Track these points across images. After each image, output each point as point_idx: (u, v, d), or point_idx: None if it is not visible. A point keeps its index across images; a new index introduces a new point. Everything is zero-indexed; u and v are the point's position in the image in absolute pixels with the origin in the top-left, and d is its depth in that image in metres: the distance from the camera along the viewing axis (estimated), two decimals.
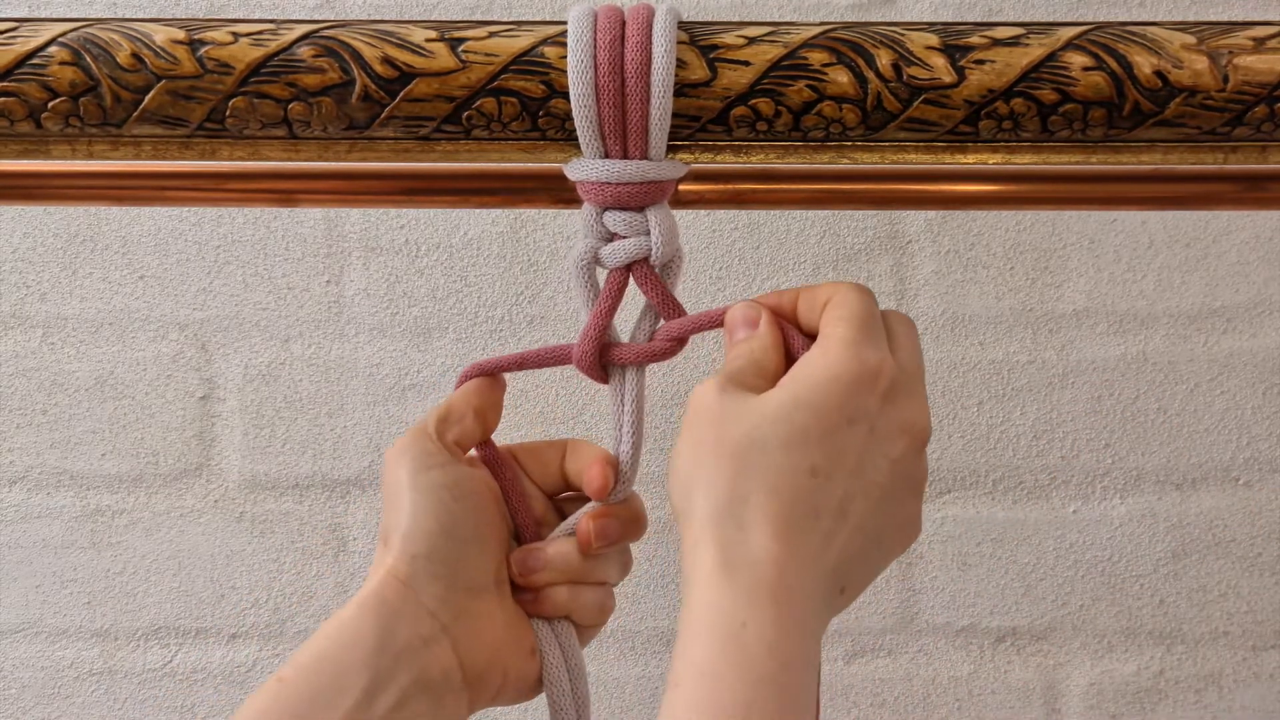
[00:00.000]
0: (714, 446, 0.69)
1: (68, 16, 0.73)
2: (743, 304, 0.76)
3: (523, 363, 0.81)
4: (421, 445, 0.78)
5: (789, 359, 0.74)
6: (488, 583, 0.78)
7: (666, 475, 0.72)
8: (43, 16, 0.75)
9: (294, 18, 0.74)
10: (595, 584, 0.81)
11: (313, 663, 0.73)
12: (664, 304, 0.77)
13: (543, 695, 0.80)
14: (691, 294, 1.35)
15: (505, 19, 0.75)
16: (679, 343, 0.78)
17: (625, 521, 0.80)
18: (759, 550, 0.67)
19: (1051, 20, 0.90)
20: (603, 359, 0.79)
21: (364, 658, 0.73)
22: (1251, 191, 0.80)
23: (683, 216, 0.76)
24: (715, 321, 0.77)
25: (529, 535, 0.81)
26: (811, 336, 0.74)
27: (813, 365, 0.70)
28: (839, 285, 0.74)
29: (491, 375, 0.82)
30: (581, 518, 0.80)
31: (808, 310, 0.75)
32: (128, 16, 0.73)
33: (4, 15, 0.74)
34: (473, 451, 0.82)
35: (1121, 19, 0.75)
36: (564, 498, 0.84)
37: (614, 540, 0.80)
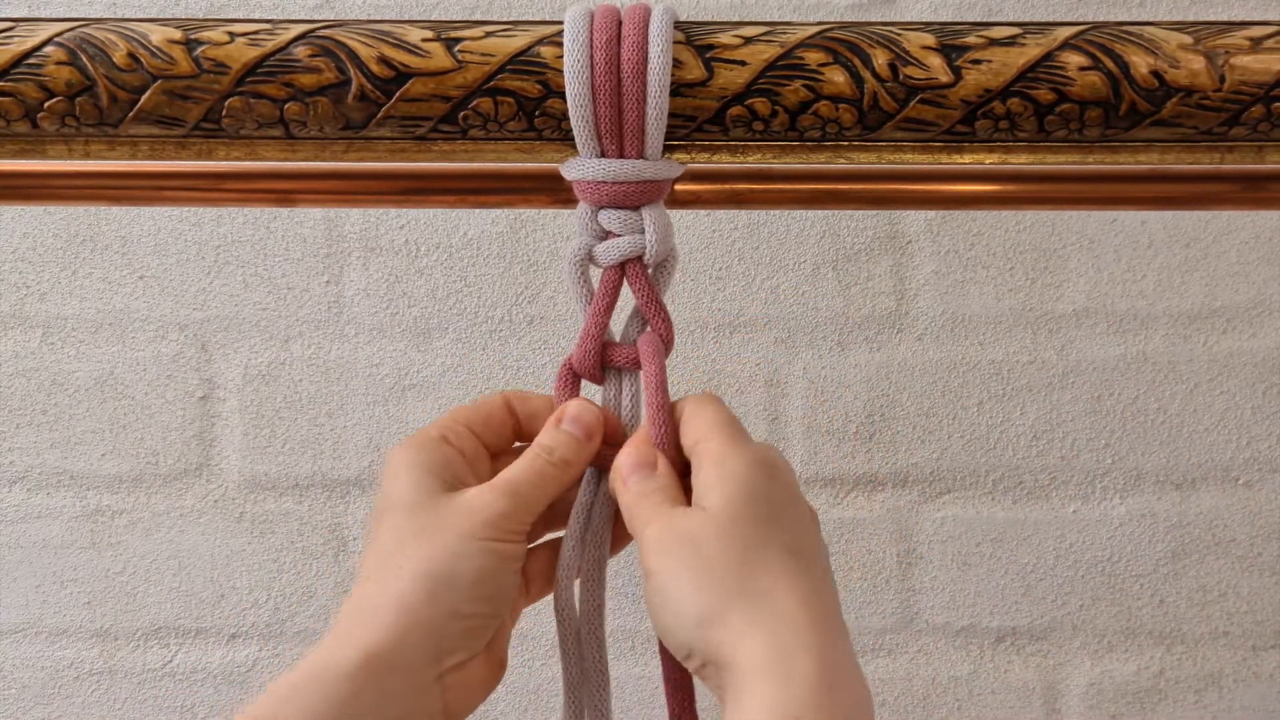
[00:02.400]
0: (715, 568, 0.68)
1: (64, 16, 0.73)
2: (634, 444, 0.75)
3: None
4: (522, 519, 0.74)
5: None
6: (500, 627, 0.76)
7: (659, 623, 0.71)
8: (39, 16, 0.75)
9: (290, 18, 0.74)
10: None
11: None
12: (650, 306, 0.77)
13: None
14: (691, 294, 1.35)
15: (502, 19, 0.75)
16: (669, 343, 0.78)
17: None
18: (806, 638, 0.66)
19: (1049, 20, 0.90)
20: (602, 360, 0.79)
21: None
22: (1249, 191, 0.80)
23: (683, 217, 0.76)
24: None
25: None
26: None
27: (731, 463, 0.71)
28: (688, 399, 0.76)
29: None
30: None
31: (686, 427, 0.76)
32: (124, 16, 0.73)
33: (0, 15, 0.74)
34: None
35: (1118, 19, 0.75)
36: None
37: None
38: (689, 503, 0.72)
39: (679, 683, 0.80)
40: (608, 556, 0.79)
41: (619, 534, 0.79)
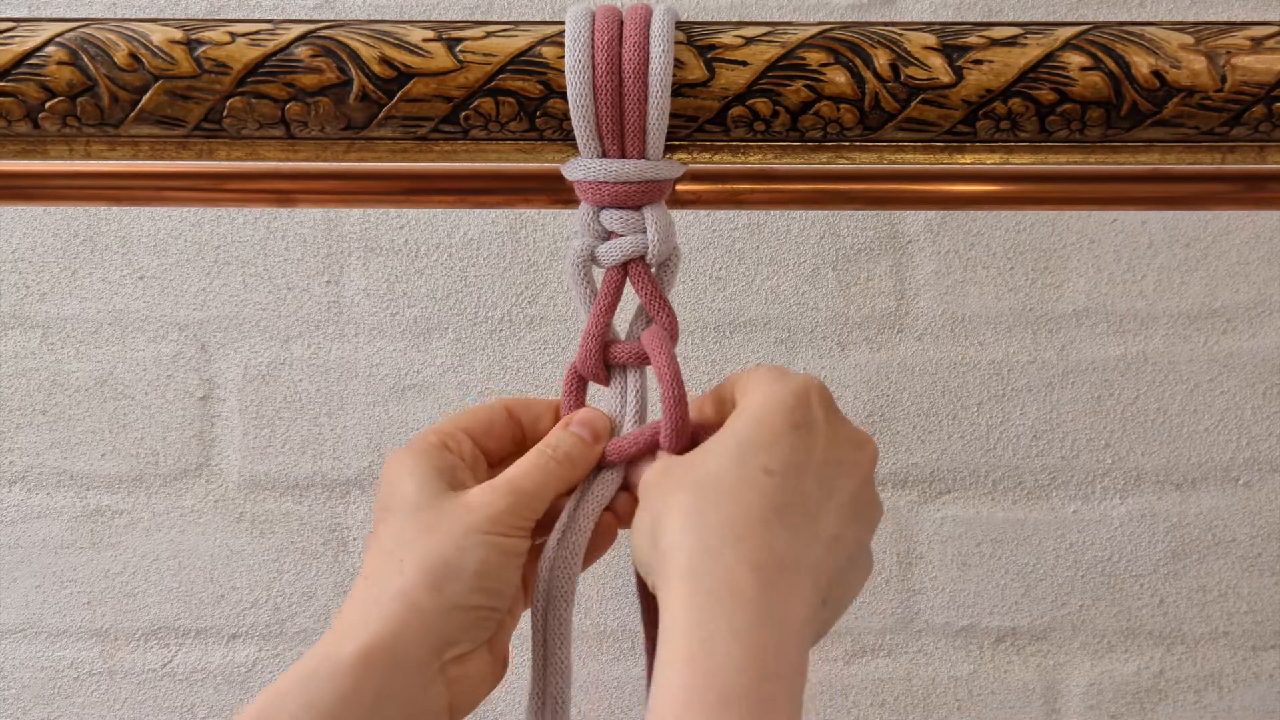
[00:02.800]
0: (669, 498, 0.69)
1: (65, 16, 0.73)
2: (590, 410, 0.78)
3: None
4: (526, 516, 0.74)
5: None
6: (502, 622, 0.76)
7: (632, 545, 0.72)
8: (40, 16, 0.75)
9: (292, 18, 0.74)
10: None
11: (301, 715, 0.67)
12: (654, 304, 0.77)
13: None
14: (691, 294, 1.35)
15: (503, 19, 0.75)
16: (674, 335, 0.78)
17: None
18: (724, 556, 0.66)
19: (1049, 20, 0.90)
20: (605, 359, 0.79)
21: (358, 717, 0.68)
22: (1250, 191, 0.80)
23: (683, 216, 0.76)
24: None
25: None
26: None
27: (744, 404, 0.72)
28: (756, 369, 0.76)
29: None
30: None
31: (739, 395, 0.76)
32: (125, 16, 0.73)
33: (1, 15, 0.74)
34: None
35: (1119, 19, 0.75)
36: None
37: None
38: None
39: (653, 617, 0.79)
40: (584, 547, 0.79)
41: (597, 542, 0.79)
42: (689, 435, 0.75)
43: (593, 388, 0.80)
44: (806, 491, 0.69)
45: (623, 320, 0.79)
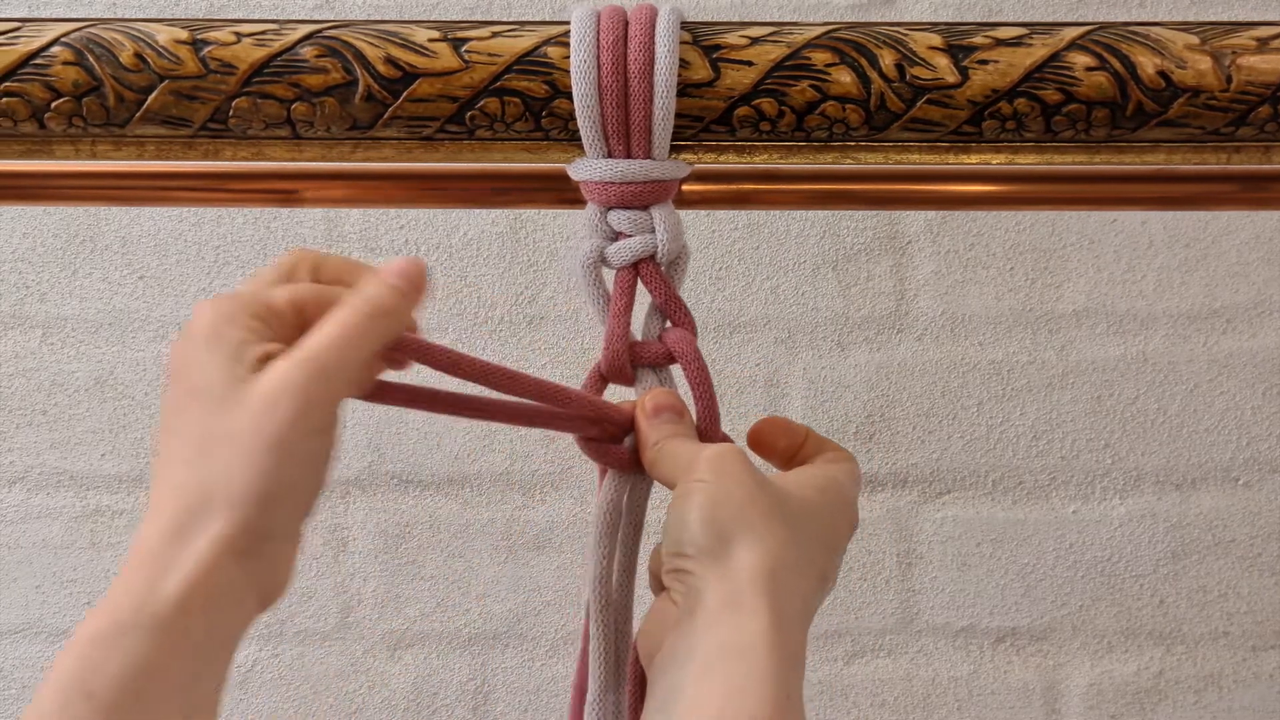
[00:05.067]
0: (765, 509, 0.69)
1: (71, 17, 0.73)
2: (664, 391, 0.78)
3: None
4: (332, 399, 0.65)
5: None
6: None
7: (675, 512, 0.70)
8: (46, 17, 0.75)
9: (297, 18, 0.74)
10: None
11: (127, 672, 0.59)
12: (668, 303, 0.77)
13: None
14: (692, 294, 1.35)
15: (508, 19, 0.75)
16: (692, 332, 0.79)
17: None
18: (800, 627, 0.68)
19: (1051, 20, 0.90)
20: (633, 363, 0.79)
21: (187, 667, 0.61)
22: (1254, 191, 0.80)
23: (683, 216, 0.76)
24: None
25: None
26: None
27: (830, 483, 0.74)
28: (848, 454, 0.78)
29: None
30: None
31: (812, 449, 0.79)
32: (130, 16, 0.73)
33: (7, 15, 0.74)
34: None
35: (1119, 19, 0.75)
36: None
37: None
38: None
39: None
40: (636, 563, 0.79)
41: None
42: (719, 437, 0.76)
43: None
44: (820, 603, 0.73)
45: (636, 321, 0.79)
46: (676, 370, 0.79)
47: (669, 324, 0.78)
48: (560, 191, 0.79)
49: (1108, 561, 1.39)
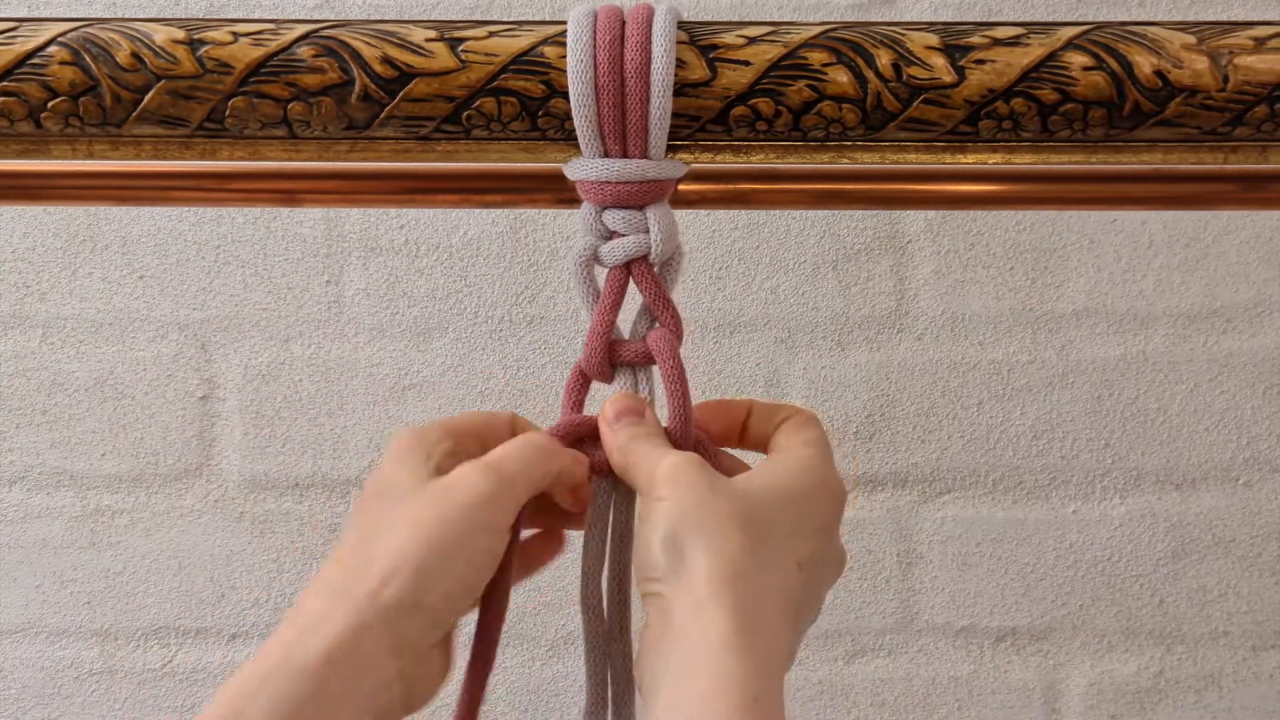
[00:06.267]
0: (717, 514, 0.68)
1: (67, 16, 0.73)
2: (623, 394, 0.77)
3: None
4: (506, 505, 0.71)
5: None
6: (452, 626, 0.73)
7: (639, 535, 0.70)
8: (42, 16, 0.75)
9: (293, 18, 0.74)
10: None
11: (271, 713, 0.65)
12: (658, 304, 0.77)
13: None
14: (691, 293, 1.35)
15: (505, 19, 0.75)
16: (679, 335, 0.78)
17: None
18: (772, 628, 0.67)
19: (1050, 20, 0.90)
20: (611, 359, 0.79)
21: (322, 715, 0.65)
22: (1251, 191, 0.80)
23: (682, 216, 0.75)
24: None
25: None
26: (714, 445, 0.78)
27: (804, 462, 0.73)
28: (801, 410, 0.77)
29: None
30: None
31: (761, 422, 0.78)
32: (127, 16, 0.73)
33: (4, 15, 0.74)
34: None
35: (1121, 19, 0.75)
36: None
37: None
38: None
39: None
40: (629, 577, 0.79)
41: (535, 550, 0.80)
42: (692, 440, 0.76)
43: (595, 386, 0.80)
44: (811, 599, 0.72)
45: (625, 319, 0.79)
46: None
47: (657, 324, 0.78)
48: (557, 191, 0.79)
49: (1108, 561, 1.39)
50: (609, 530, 0.78)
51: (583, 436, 0.77)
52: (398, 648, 0.68)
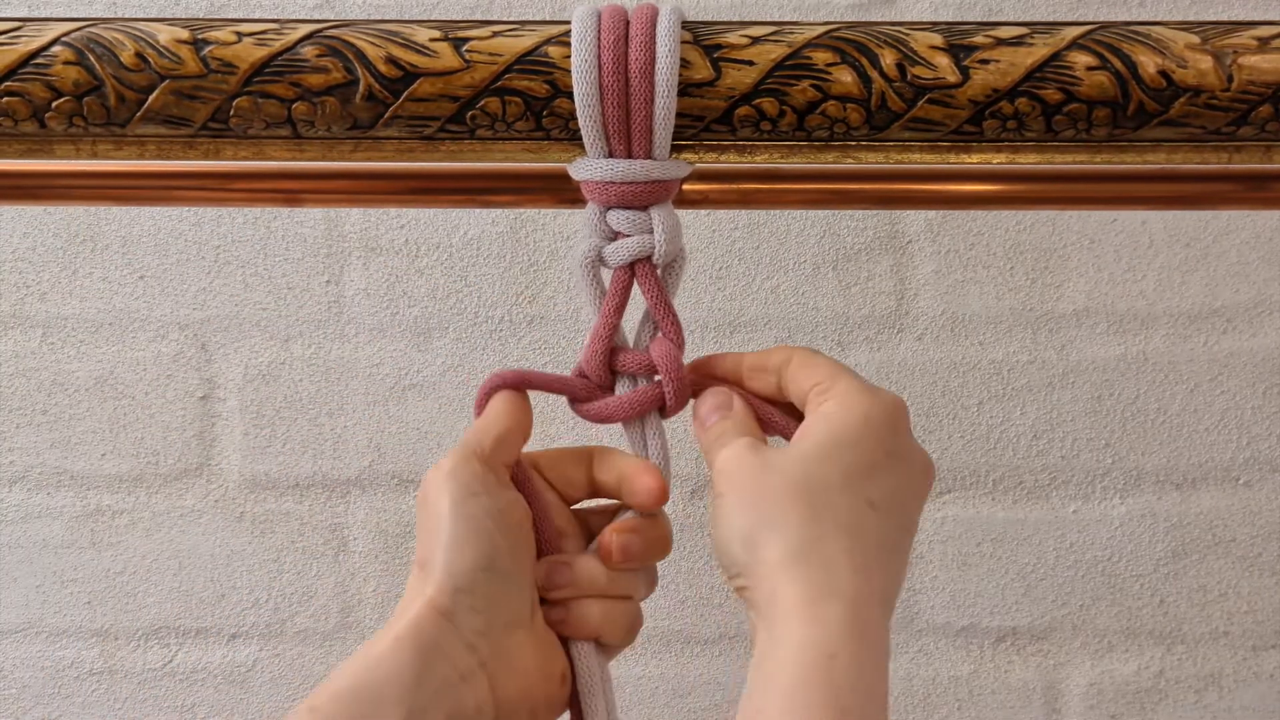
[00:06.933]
0: (773, 495, 0.70)
1: (72, 16, 0.73)
2: (711, 391, 0.78)
3: (547, 384, 0.79)
4: (471, 469, 0.74)
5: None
6: (525, 614, 0.76)
7: (714, 537, 0.72)
8: (47, 16, 0.75)
9: (297, 17, 0.74)
10: (622, 599, 0.79)
11: (348, 694, 0.70)
12: (659, 309, 0.77)
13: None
14: (691, 293, 1.35)
15: (509, 18, 0.75)
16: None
17: (651, 540, 0.78)
18: (844, 585, 0.67)
19: (1051, 20, 0.90)
20: (611, 364, 0.79)
21: (400, 694, 0.70)
22: (1255, 191, 0.80)
23: (684, 216, 0.76)
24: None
25: (549, 548, 0.78)
26: (770, 401, 0.78)
27: (839, 405, 0.73)
28: (794, 348, 0.77)
29: (519, 389, 0.79)
30: (606, 531, 0.78)
31: (759, 372, 0.78)
32: (131, 16, 0.73)
33: (7, 15, 0.74)
34: None
35: (1123, 19, 0.75)
36: (586, 508, 0.82)
37: (638, 558, 0.78)
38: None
39: None
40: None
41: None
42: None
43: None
44: (901, 525, 0.72)
45: (629, 321, 0.79)
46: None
47: (659, 333, 0.78)
48: (561, 191, 0.79)
49: (1108, 561, 1.39)
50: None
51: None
52: (467, 638, 0.73)
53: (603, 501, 0.81)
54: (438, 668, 0.71)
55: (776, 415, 0.77)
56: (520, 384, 0.79)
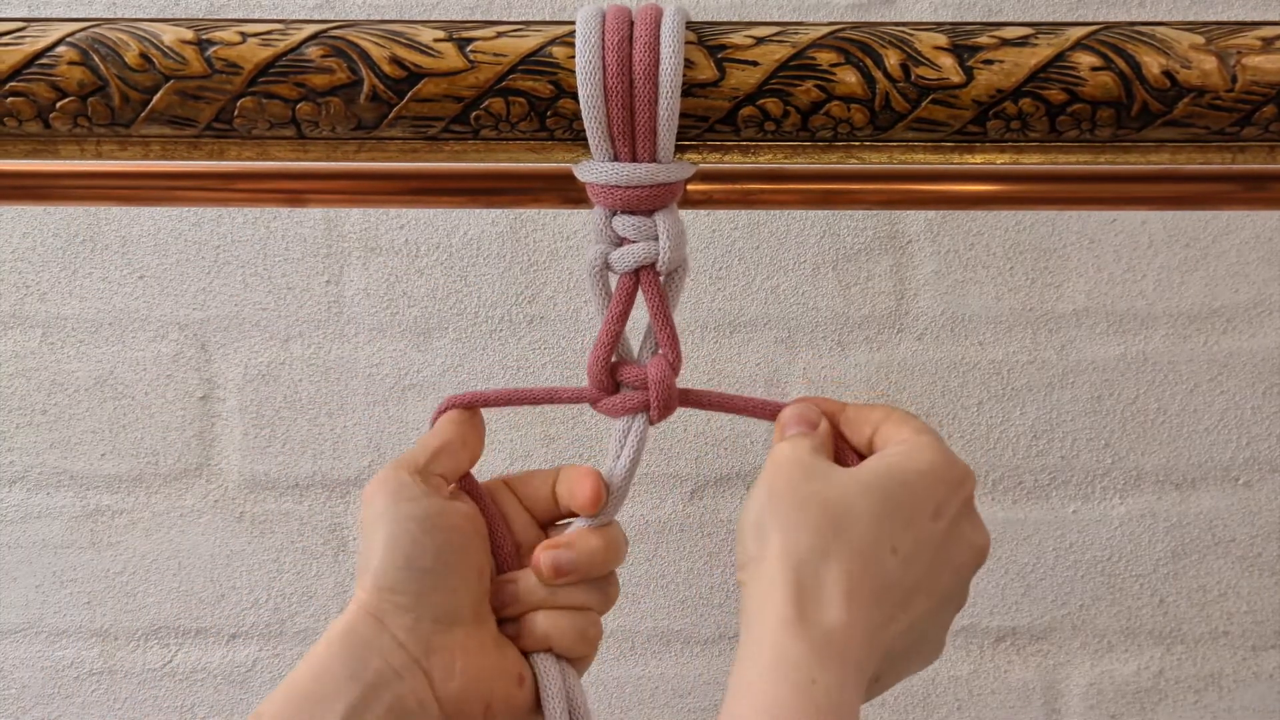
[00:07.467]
0: (800, 498, 0.70)
1: (76, 16, 0.73)
2: (801, 402, 0.78)
3: (506, 399, 0.82)
4: (399, 478, 0.77)
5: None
6: (463, 614, 0.77)
7: (739, 521, 0.73)
8: (51, 17, 0.75)
9: (302, 18, 0.74)
10: (572, 609, 0.80)
11: (288, 697, 0.74)
12: (659, 319, 0.77)
13: None
14: (691, 293, 1.35)
15: (513, 19, 0.75)
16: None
17: (588, 551, 0.80)
18: (833, 612, 0.68)
19: (1052, 20, 0.90)
20: (615, 375, 0.79)
21: (335, 689, 0.73)
22: (1257, 191, 0.80)
23: (686, 216, 0.76)
24: (761, 410, 0.80)
25: (508, 565, 0.81)
26: (858, 453, 0.78)
27: (907, 452, 0.73)
28: (893, 408, 0.78)
29: (471, 409, 0.82)
30: (537, 549, 0.80)
31: (855, 422, 0.78)
32: (136, 17, 0.73)
33: (9, 15, 0.74)
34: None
35: (1126, 19, 0.75)
36: (558, 525, 0.84)
37: (574, 571, 0.79)
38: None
39: None
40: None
41: None
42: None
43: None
44: (914, 579, 0.71)
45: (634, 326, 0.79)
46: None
47: (659, 350, 0.78)
48: (565, 191, 0.80)
49: (1108, 561, 1.39)
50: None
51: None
52: (396, 635, 0.76)
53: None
54: (371, 663, 0.74)
55: (854, 459, 0.77)
56: (473, 403, 0.82)
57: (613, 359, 0.79)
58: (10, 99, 0.71)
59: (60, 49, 0.71)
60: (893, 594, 0.70)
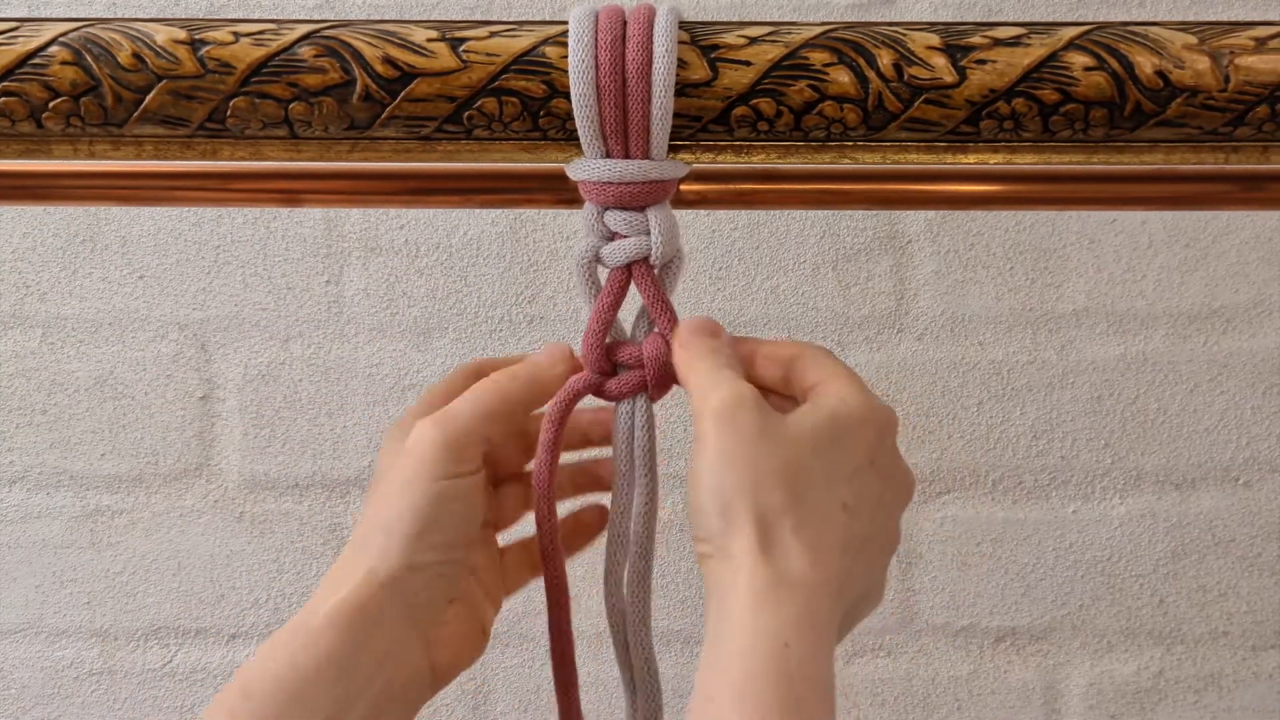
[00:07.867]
0: (764, 466, 0.69)
1: (69, 16, 0.73)
2: (699, 318, 0.77)
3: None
4: (434, 448, 0.74)
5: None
6: (470, 582, 0.77)
7: (693, 487, 0.71)
8: (43, 16, 0.75)
9: (295, 18, 0.74)
10: None
11: (281, 676, 0.71)
12: (656, 306, 0.77)
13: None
14: (691, 293, 1.35)
15: (506, 19, 0.75)
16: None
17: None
18: (801, 575, 0.67)
19: (1051, 20, 0.90)
20: (611, 359, 0.79)
21: (336, 675, 0.71)
22: (1252, 191, 0.80)
23: (682, 216, 0.76)
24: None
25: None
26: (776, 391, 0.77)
27: (840, 399, 0.72)
28: (806, 344, 0.76)
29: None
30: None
31: (770, 359, 0.76)
32: (128, 16, 0.73)
33: (5, 15, 0.74)
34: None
35: (1121, 19, 0.75)
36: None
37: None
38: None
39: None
40: (652, 565, 0.82)
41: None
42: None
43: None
44: (868, 533, 0.71)
45: (625, 316, 0.79)
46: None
47: (655, 329, 0.78)
48: (558, 191, 0.79)
49: (1108, 561, 1.39)
50: (635, 461, 0.79)
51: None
52: (411, 614, 0.73)
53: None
54: (376, 645, 0.72)
55: (775, 400, 0.76)
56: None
57: (606, 341, 0.79)
58: (2, 99, 0.71)
59: (53, 49, 0.71)
60: (850, 549, 0.70)
